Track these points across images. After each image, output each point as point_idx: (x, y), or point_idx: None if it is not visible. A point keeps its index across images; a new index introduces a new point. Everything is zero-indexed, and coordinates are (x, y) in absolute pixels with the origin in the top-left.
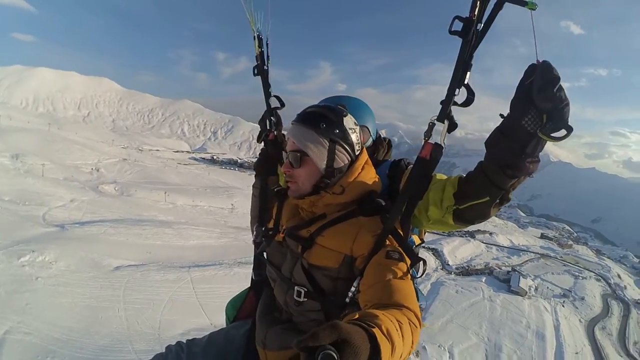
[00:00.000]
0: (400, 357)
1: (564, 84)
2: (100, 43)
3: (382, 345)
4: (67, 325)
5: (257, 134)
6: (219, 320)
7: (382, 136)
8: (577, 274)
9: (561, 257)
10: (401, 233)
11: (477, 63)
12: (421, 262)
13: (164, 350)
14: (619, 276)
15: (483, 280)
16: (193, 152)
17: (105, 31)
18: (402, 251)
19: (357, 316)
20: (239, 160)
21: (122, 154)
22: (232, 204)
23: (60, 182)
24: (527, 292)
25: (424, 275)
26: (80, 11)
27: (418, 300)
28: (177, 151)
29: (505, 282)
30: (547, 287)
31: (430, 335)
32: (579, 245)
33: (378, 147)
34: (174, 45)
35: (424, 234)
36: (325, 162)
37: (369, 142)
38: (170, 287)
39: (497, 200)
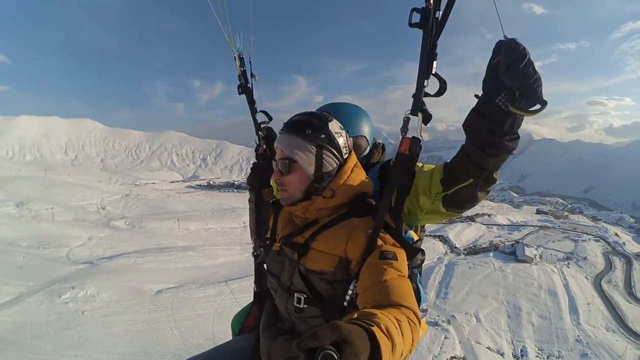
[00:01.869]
0: (401, 355)
1: (535, 63)
2: (75, 85)
3: (382, 344)
4: (125, 351)
5: (250, 154)
6: None
7: (376, 141)
8: (576, 238)
9: (559, 226)
10: (393, 226)
11: (449, 55)
12: (419, 253)
13: None
14: (616, 235)
15: (491, 256)
16: (188, 181)
17: (78, 72)
18: (396, 250)
19: (356, 316)
20: (235, 182)
21: (122, 191)
22: (243, 222)
23: (71, 223)
24: (533, 259)
25: (422, 264)
26: (52, 55)
27: (420, 301)
28: (172, 182)
29: (511, 254)
30: (551, 254)
31: (455, 305)
32: (574, 215)
33: (373, 152)
34: (148, 78)
35: (421, 230)
36: (313, 167)
37: (367, 150)
38: (214, 301)
39: (483, 182)
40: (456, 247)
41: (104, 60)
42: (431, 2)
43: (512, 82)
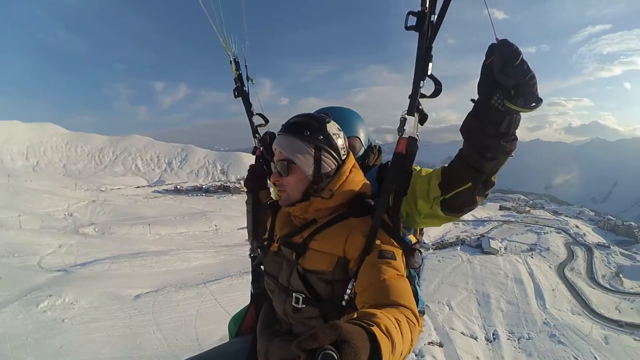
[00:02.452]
0: (401, 355)
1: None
2: (37, 87)
3: (382, 344)
4: (108, 357)
5: (216, 157)
6: None
7: (372, 144)
8: (538, 231)
9: (521, 220)
10: (391, 225)
11: (412, 57)
12: (417, 253)
13: None
14: (577, 227)
15: (458, 249)
16: (154, 186)
17: (40, 74)
18: (394, 250)
19: (355, 316)
20: (203, 186)
21: (89, 197)
22: (215, 225)
23: (39, 231)
24: (498, 251)
25: (421, 265)
26: (12, 56)
27: (418, 304)
28: (138, 187)
29: (478, 247)
30: (515, 246)
31: (428, 295)
32: (536, 210)
33: (369, 154)
34: (110, 80)
35: (420, 233)
36: (312, 168)
37: (361, 151)
38: (194, 303)
39: (481, 185)
40: (424, 242)
41: (66, 62)
42: (426, 6)
43: (507, 80)
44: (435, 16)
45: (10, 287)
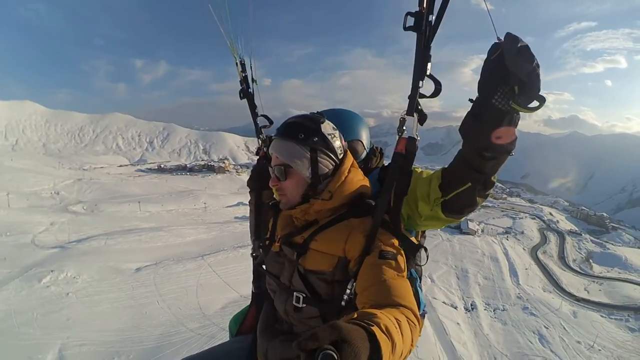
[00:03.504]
0: (401, 355)
1: (478, 56)
2: (11, 64)
3: (382, 344)
4: (116, 327)
5: (198, 137)
6: (246, 292)
7: (374, 146)
8: (514, 216)
9: (498, 205)
10: (392, 225)
11: (397, 44)
12: (422, 250)
13: (213, 323)
14: (551, 214)
15: (438, 230)
16: (137, 165)
17: (14, 50)
18: (395, 250)
19: (355, 316)
20: (187, 165)
21: (73, 175)
22: (204, 203)
23: (27, 209)
24: (476, 232)
25: (426, 262)
26: None
27: (419, 305)
28: (121, 165)
29: (456, 228)
30: (491, 228)
31: None
32: (512, 198)
33: (370, 156)
34: (88, 57)
35: (422, 235)
36: (309, 170)
37: (364, 154)
38: (194, 275)
39: (481, 186)
40: None
41: (44, 38)
42: (424, 6)
43: (524, 65)
44: (434, 16)
45: (8, 265)
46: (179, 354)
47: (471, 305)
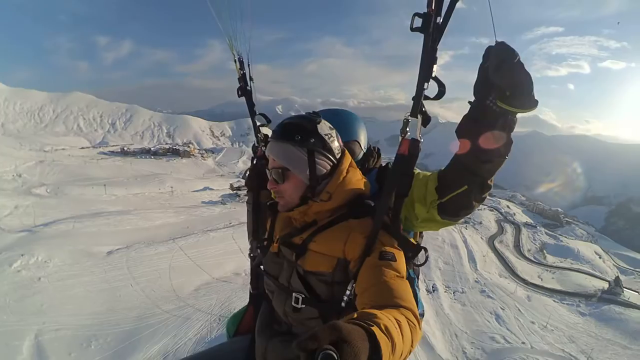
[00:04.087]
0: (401, 355)
1: (448, 52)
2: None
3: (382, 344)
4: (91, 311)
5: (162, 120)
6: (218, 274)
7: (372, 146)
8: None
9: None
10: (391, 227)
11: (365, 34)
12: (422, 251)
13: (188, 305)
14: (508, 207)
15: None
16: (99, 147)
17: None
18: (395, 251)
19: (356, 316)
20: (151, 149)
21: (35, 157)
22: (171, 187)
23: None
24: None
25: (425, 262)
26: None
27: (417, 306)
28: (82, 147)
29: None
30: None
31: None
32: None
33: (368, 157)
34: (50, 34)
35: (420, 236)
36: (307, 172)
37: (361, 155)
38: (166, 257)
39: (477, 189)
40: None
41: (3, 12)
42: (432, 7)
43: (502, 80)
44: (441, 19)
45: None
46: (157, 335)
47: (432, 287)
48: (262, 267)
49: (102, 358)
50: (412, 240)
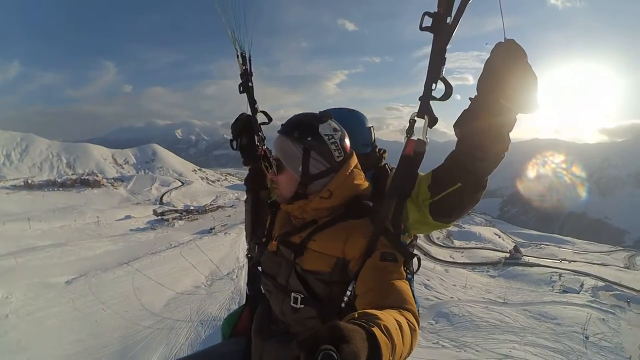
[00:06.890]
0: (401, 356)
1: (342, 71)
2: None
3: (382, 344)
4: (72, 339)
5: (60, 149)
6: (180, 289)
7: (377, 147)
8: None
9: None
10: (392, 230)
11: (266, 56)
12: (415, 259)
13: (165, 318)
14: None
15: None
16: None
17: None
18: (396, 252)
19: (356, 316)
20: (58, 180)
21: None
22: (97, 217)
23: None
24: None
25: (418, 270)
26: None
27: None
28: None
29: None
30: None
31: None
32: None
33: (368, 157)
34: None
35: (414, 237)
36: (299, 169)
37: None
38: (127, 280)
39: (471, 187)
40: None
41: None
42: (443, 7)
43: (509, 77)
44: (452, 19)
45: None
46: (150, 348)
47: None
48: (259, 267)
49: None
50: (405, 237)
